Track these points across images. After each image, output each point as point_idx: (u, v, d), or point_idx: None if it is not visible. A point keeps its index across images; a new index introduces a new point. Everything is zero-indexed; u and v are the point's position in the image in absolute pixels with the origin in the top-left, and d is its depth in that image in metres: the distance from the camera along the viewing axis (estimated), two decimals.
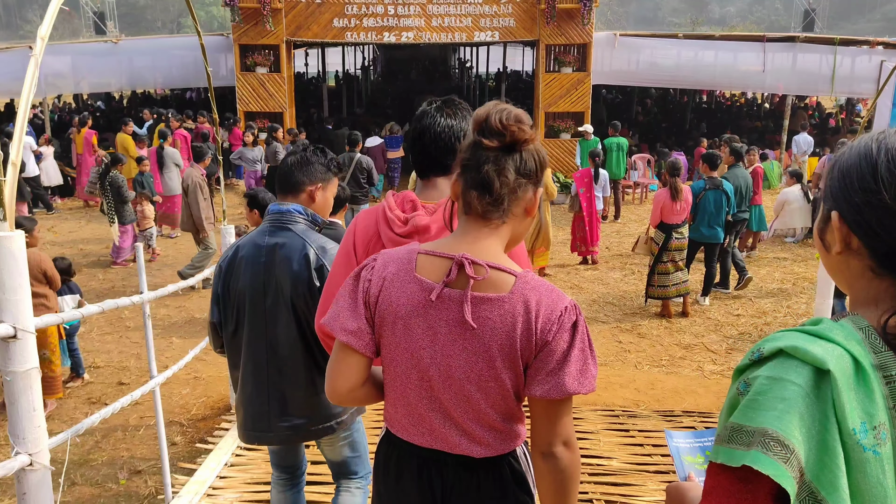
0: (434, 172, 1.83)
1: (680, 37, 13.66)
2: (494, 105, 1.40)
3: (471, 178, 1.39)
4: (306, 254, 2.32)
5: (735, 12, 62.48)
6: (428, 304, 1.39)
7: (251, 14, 12.00)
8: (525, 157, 1.38)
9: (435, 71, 28.57)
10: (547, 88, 12.51)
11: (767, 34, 13.69)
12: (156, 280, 8.41)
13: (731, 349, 6.38)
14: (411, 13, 12.20)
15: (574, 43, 12.31)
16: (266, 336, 2.37)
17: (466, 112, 1.85)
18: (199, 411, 5.26)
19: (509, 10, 12.19)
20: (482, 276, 1.37)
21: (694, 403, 5.21)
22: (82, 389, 5.62)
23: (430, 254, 1.43)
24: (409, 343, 1.41)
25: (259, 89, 12.45)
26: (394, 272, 1.43)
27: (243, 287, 2.38)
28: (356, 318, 1.43)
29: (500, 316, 1.36)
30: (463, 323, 1.37)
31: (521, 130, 1.36)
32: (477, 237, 1.41)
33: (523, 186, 1.40)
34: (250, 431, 2.48)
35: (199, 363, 6.08)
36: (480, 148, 1.37)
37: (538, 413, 1.41)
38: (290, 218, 2.38)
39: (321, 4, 12.18)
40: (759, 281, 8.34)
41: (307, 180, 2.43)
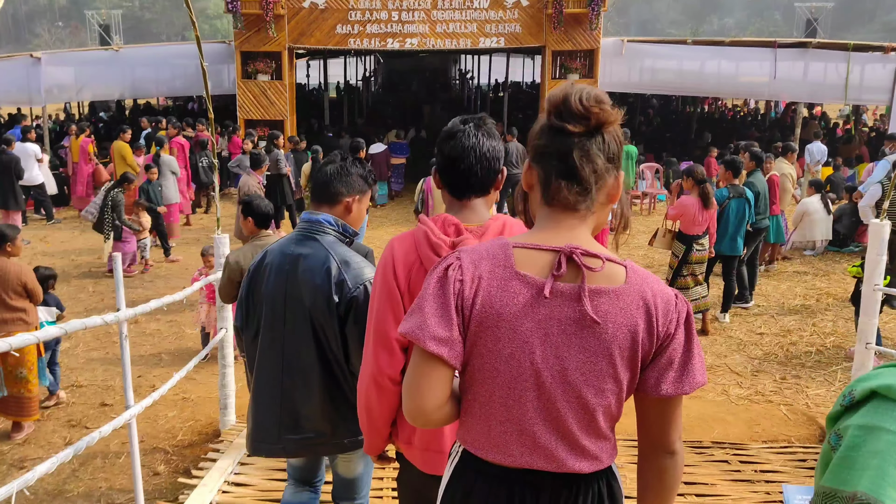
0: (474, 193, 1.78)
1: (689, 43, 13.35)
2: (570, 86, 1.30)
3: (554, 166, 1.30)
4: (328, 267, 2.27)
5: (734, 24, 62.45)
6: (537, 303, 1.26)
7: (253, 20, 11.73)
8: (608, 139, 1.29)
9: (436, 82, 28.45)
10: None
11: (779, 40, 13.31)
12: (147, 293, 8.07)
13: (757, 371, 5.98)
14: (415, 19, 11.92)
15: (581, 49, 12.01)
16: (282, 345, 2.33)
17: (497, 132, 1.83)
18: (185, 437, 4.88)
19: (515, 15, 11.90)
20: (598, 267, 1.27)
21: (724, 433, 4.81)
22: (62, 411, 5.24)
23: (528, 247, 1.31)
24: (516, 348, 1.28)
25: (260, 97, 12.16)
26: (489, 270, 1.30)
27: (265, 293, 2.35)
28: (448, 325, 1.28)
29: (620, 309, 1.26)
30: (579, 320, 1.26)
31: (604, 111, 1.27)
32: (571, 228, 1.32)
33: (609, 172, 1.31)
34: (257, 442, 2.42)
35: (189, 383, 5.71)
36: (562, 133, 1.27)
37: (660, 412, 1.33)
38: (320, 228, 2.33)
39: (324, 11, 11.92)
40: (781, 297, 7.98)
41: (345, 191, 2.37)
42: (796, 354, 6.27)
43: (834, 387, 5.61)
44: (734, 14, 64.30)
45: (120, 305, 2.85)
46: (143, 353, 6.46)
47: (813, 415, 5.08)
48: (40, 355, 4.98)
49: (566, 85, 1.31)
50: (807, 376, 5.80)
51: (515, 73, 24.72)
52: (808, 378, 5.76)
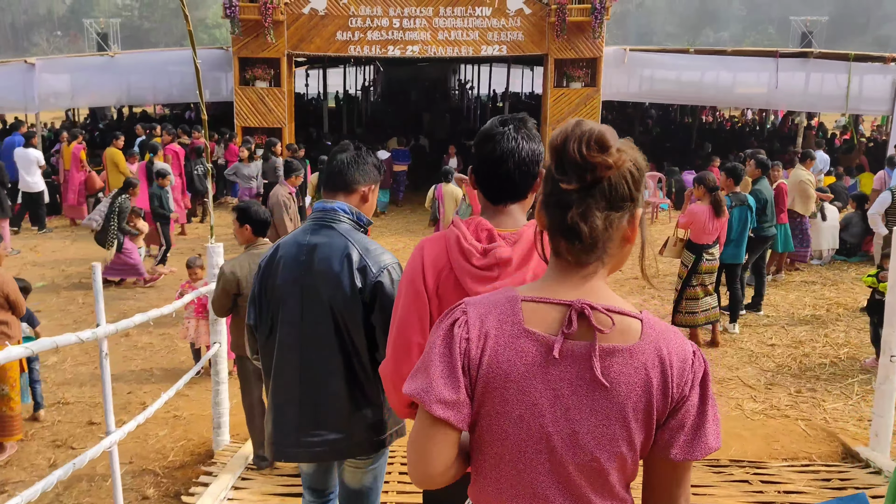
0: (512, 199, 1.72)
1: (691, 52, 13.22)
2: (573, 127, 1.19)
3: (554, 220, 1.22)
4: (349, 254, 2.18)
5: (729, 37, 62.83)
6: (547, 362, 1.20)
7: (252, 26, 11.55)
8: (615, 182, 1.18)
9: (435, 92, 28.42)
10: (555, 104, 12.03)
11: (780, 50, 13.22)
12: (139, 304, 7.83)
13: (771, 384, 5.79)
14: (417, 26, 11.75)
15: (584, 57, 11.84)
16: (301, 340, 2.23)
17: (537, 132, 1.75)
18: (176, 457, 4.63)
19: (518, 23, 11.74)
20: (608, 327, 1.19)
21: (741, 450, 4.61)
22: (47, 430, 4.99)
23: (536, 301, 1.23)
24: (525, 410, 1.22)
25: (258, 104, 11.95)
26: (496, 326, 1.23)
27: (281, 287, 2.25)
28: (455, 387, 1.22)
29: (633, 369, 1.19)
30: (591, 381, 1.19)
31: (606, 160, 1.15)
32: (582, 279, 1.23)
33: (618, 220, 1.20)
34: (279, 446, 2.32)
35: (181, 399, 5.47)
36: (560, 184, 1.18)
37: (667, 475, 1.27)
38: (335, 216, 2.25)
39: (324, 17, 11.74)
40: (790, 307, 7.83)
41: (362, 180, 2.32)
42: (810, 366, 6.10)
43: (851, 400, 5.43)
44: (729, 27, 64.79)
45: (99, 320, 2.61)
46: (133, 367, 6.21)
47: (833, 430, 4.90)
48: (23, 371, 4.73)
49: (568, 126, 1.21)
50: (822, 389, 5.63)
51: (515, 83, 24.73)
52: (823, 391, 5.59)
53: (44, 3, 66.37)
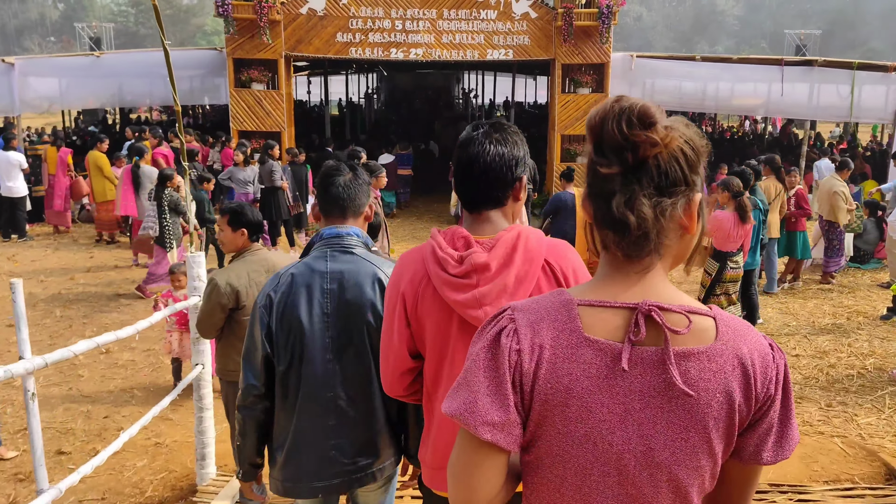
0: (486, 206, 1.68)
1: (697, 59, 12.81)
2: (612, 104, 1.03)
3: (599, 211, 1.08)
4: (378, 278, 2.14)
5: (723, 51, 63.35)
6: (614, 374, 1.06)
7: (247, 26, 11.07)
8: (664, 167, 1.02)
9: (438, 100, 28.14)
10: (563, 110, 11.60)
11: (785, 58, 12.91)
12: (123, 318, 7.29)
13: (800, 398, 5.45)
14: (420, 28, 11.30)
15: (591, 63, 11.42)
16: (331, 373, 2.15)
17: (517, 137, 1.69)
18: (155, 492, 4.10)
19: (524, 27, 11.31)
20: (684, 328, 1.05)
21: (780, 473, 4.25)
22: (9, 462, 4.43)
23: (595, 304, 1.09)
24: (590, 428, 1.07)
25: (255, 107, 11.45)
26: (552, 336, 1.08)
27: (305, 319, 2.14)
28: (504, 406, 1.07)
29: (712, 373, 1.05)
30: (665, 391, 1.05)
31: (652, 137, 0.99)
32: (641, 276, 1.08)
33: (671, 207, 1.04)
34: (307, 483, 2.19)
35: (164, 423, 4.95)
36: (600, 171, 1.03)
37: (744, 479, 1.16)
38: (351, 241, 2.20)
39: (324, 17, 11.28)
40: (809, 315, 7.58)
41: (365, 201, 2.28)
42: (837, 378, 5.84)
43: (884, 414, 5.15)
44: (722, 41, 65.31)
45: (23, 352, 2.06)
46: (112, 388, 5.66)
47: (872, 448, 4.59)
48: None
49: (606, 103, 1.05)
50: (853, 402, 5.36)
51: (518, 92, 24.39)
52: (854, 405, 5.32)
53: (36, 8, 65.98)
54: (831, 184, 8.24)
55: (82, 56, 13.14)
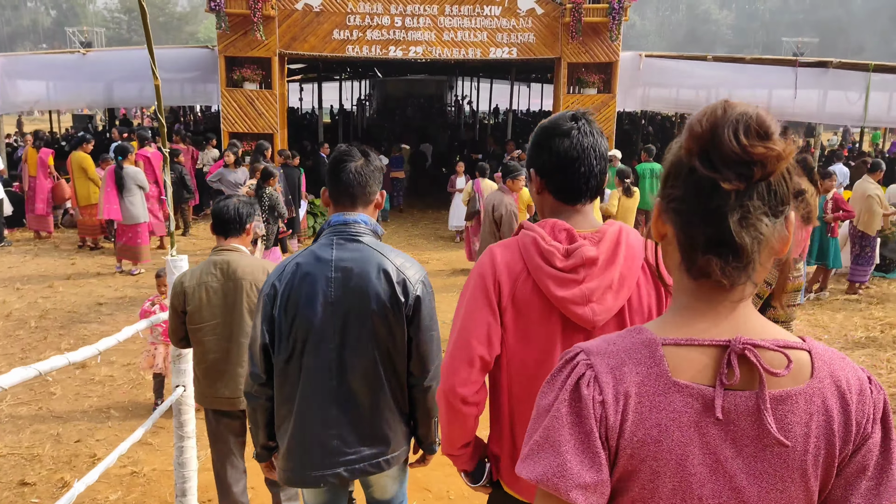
0: (590, 197, 1.63)
1: (708, 59, 12.35)
2: (721, 112, 0.92)
3: (698, 233, 0.95)
4: (385, 268, 2.08)
5: None
6: (705, 421, 0.95)
7: (239, 22, 10.58)
8: (776, 182, 0.94)
9: (431, 107, 27.88)
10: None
11: (799, 59, 12.48)
12: (104, 328, 6.75)
13: None
14: (421, 25, 10.83)
15: (599, 62, 10.97)
16: (334, 362, 2.10)
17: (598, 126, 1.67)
18: None
19: (529, 24, 10.85)
20: (783, 367, 0.95)
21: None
22: None
23: (682, 343, 0.98)
24: (680, 482, 0.97)
25: (247, 108, 10.95)
26: (638, 382, 0.97)
27: (308, 308, 2.08)
28: (597, 465, 0.96)
29: (810, 415, 0.96)
30: (758, 438, 0.96)
31: (772, 151, 0.90)
32: (732, 309, 0.99)
33: (776, 226, 0.95)
34: (310, 472, 2.14)
35: (142, 449, 4.42)
36: (710, 184, 0.91)
37: None
38: (359, 229, 2.13)
39: (320, 14, 10.80)
40: (841, 328, 7.10)
41: (376, 188, 2.22)
42: None
43: None
44: (716, 51, 65.62)
45: None
46: (87, 407, 5.12)
47: None
48: None
49: (714, 107, 0.93)
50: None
51: (506, 101, 24.22)
52: None
53: (28, 15, 65.53)
54: (864, 187, 7.77)
55: (68, 53, 12.59)
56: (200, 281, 2.95)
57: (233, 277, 2.94)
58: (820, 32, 50.72)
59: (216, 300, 2.93)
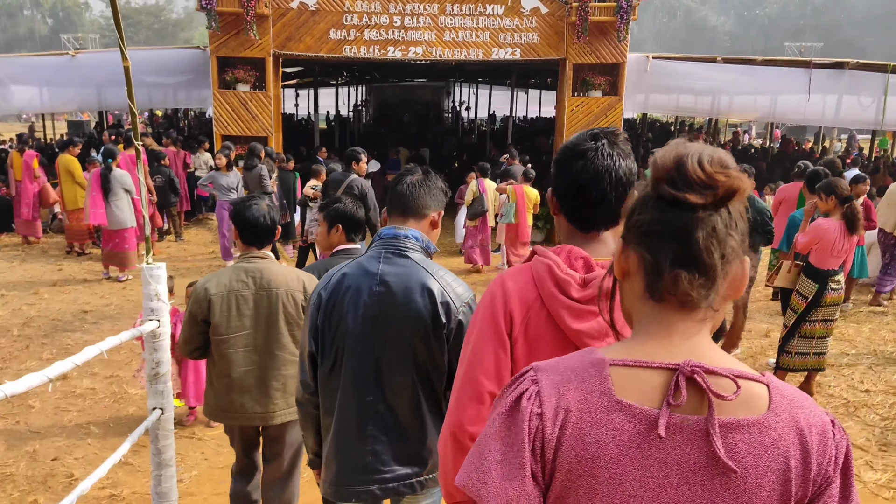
0: (606, 225, 1.53)
1: (719, 60, 12.01)
2: (681, 146, 1.02)
3: (668, 250, 0.99)
4: (429, 287, 2.03)
5: None
6: (648, 443, 0.96)
7: (232, 21, 10.26)
8: (735, 215, 1.01)
9: (427, 114, 27.72)
10: (572, 114, 10.80)
11: (814, 60, 12.16)
12: (87, 337, 6.42)
13: (885, 444, 4.65)
14: (421, 25, 10.53)
15: (606, 63, 10.66)
16: (372, 377, 2.07)
17: (630, 150, 1.57)
18: None
19: (533, 23, 10.56)
20: (731, 394, 0.95)
21: None
22: None
23: (630, 364, 1.00)
24: (617, 503, 0.96)
25: (240, 110, 10.63)
26: (579, 398, 0.99)
27: (349, 320, 2.08)
28: (518, 477, 0.98)
29: (764, 448, 0.95)
30: (707, 466, 0.95)
31: (732, 179, 0.99)
32: (687, 334, 1.01)
33: (736, 258, 1.01)
34: (345, 486, 2.13)
35: (122, 469, 4.09)
36: (678, 206, 0.98)
37: None
38: (408, 245, 2.11)
39: (315, 13, 10.50)
40: (868, 342, 6.74)
41: (433, 204, 2.20)
42: None
43: None
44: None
45: None
46: (66, 422, 4.78)
47: None
48: None
49: (674, 145, 1.02)
50: None
51: (506, 107, 24.09)
52: None
53: (25, 23, 65.40)
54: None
55: (57, 55, 12.26)
56: (230, 289, 2.80)
57: (266, 287, 2.81)
58: (821, 38, 50.79)
59: (247, 310, 2.80)
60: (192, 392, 4.60)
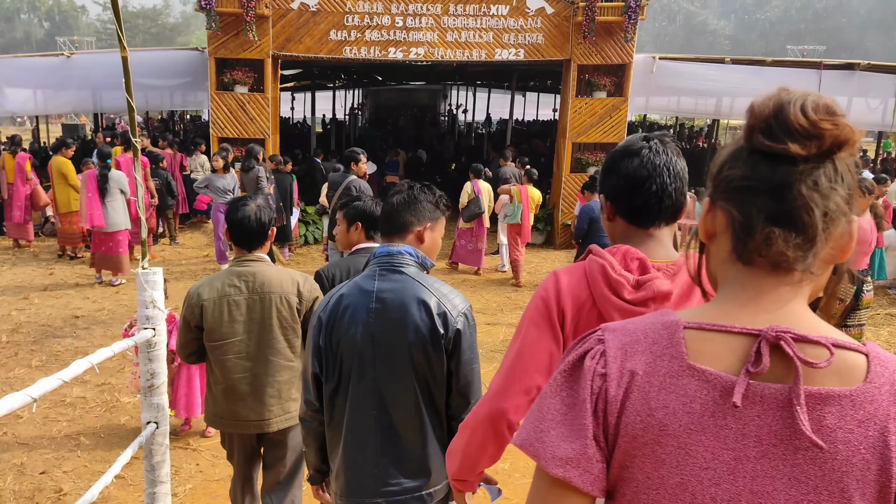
0: (665, 220, 1.51)
1: (727, 61, 11.84)
2: (784, 92, 0.91)
3: (761, 206, 0.90)
4: (424, 300, 2.05)
5: None
6: (723, 412, 0.88)
7: (231, 23, 10.07)
8: (842, 169, 0.90)
9: (424, 117, 27.57)
10: (576, 116, 10.61)
11: (824, 60, 11.98)
12: (78, 343, 6.19)
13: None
14: (423, 25, 10.34)
15: (612, 63, 10.48)
16: (375, 392, 2.09)
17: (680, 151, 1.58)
18: None
19: (538, 23, 10.38)
20: (823, 361, 0.85)
21: None
22: None
23: (706, 328, 0.92)
24: (687, 476, 0.88)
25: (237, 112, 10.42)
26: (647, 361, 0.93)
27: (349, 338, 2.09)
28: (579, 437, 0.92)
29: (857, 423, 0.85)
30: (790, 439, 0.86)
31: (839, 128, 0.87)
32: (779, 298, 0.91)
33: (842, 217, 0.90)
34: (354, 498, 2.14)
35: (116, 483, 3.88)
36: (774, 159, 0.89)
37: None
38: (402, 260, 2.12)
39: (316, 14, 10.31)
40: (888, 346, 6.58)
41: (415, 220, 2.20)
42: None
43: None
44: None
45: None
46: (55, 433, 4.56)
47: None
48: None
49: (776, 91, 0.92)
50: None
51: (503, 110, 23.99)
52: None
53: (21, 27, 65.23)
54: None
55: (52, 56, 12.04)
56: (222, 294, 2.74)
57: (259, 291, 2.74)
58: (822, 42, 50.84)
59: (240, 315, 2.73)
60: (183, 403, 4.38)
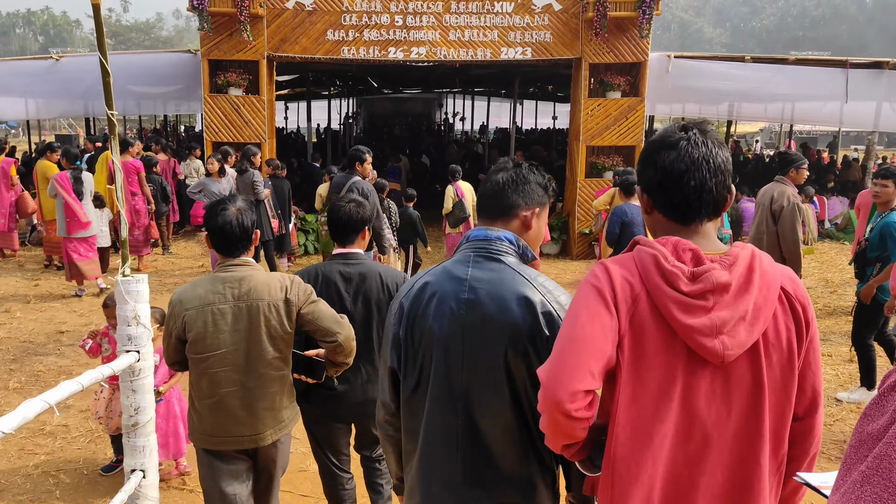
0: (708, 215, 1.49)
1: (747, 59, 11.26)
2: None
3: None
4: (527, 295, 1.75)
5: None
6: None
7: (225, 22, 9.62)
8: None
9: (419, 126, 27.25)
10: (590, 117, 10.15)
11: (850, 59, 11.50)
12: (62, 362, 5.71)
13: None
14: (424, 24, 9.90)
15: (625, 62, 10.04)
16: (461, 395, 1.80)
17: (722, 140, 1.54)
18: None
19: (545, 21, 9.95)
20: None
21: None
22: None
23: None
24: None
25: (232, 115, 9.95)
26: None
27: (435, 330, 1.82)
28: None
29: None
30: None
31: None
32: None
33: None
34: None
35: None
36: None
37: None
38: (500, 247, 1.84)
39: (312, 13, 9.86)
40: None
41: (523, 203, 1.91)
42: None
43: None
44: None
45: None
46: (31, 468, 4.05)
47: None
48: None
49: None
50: None
51: (502, 120, 23.67)
52: None
53: (17, 41, 65.00)
54: None
55: (40, 59, 11.58)
56: (206, 302, 2.51)
57: (246, 298, 2.52)
58: (820, 50, 50.69)
59: (225, 325, 2.52)
60: (170, 443, 3.83)
